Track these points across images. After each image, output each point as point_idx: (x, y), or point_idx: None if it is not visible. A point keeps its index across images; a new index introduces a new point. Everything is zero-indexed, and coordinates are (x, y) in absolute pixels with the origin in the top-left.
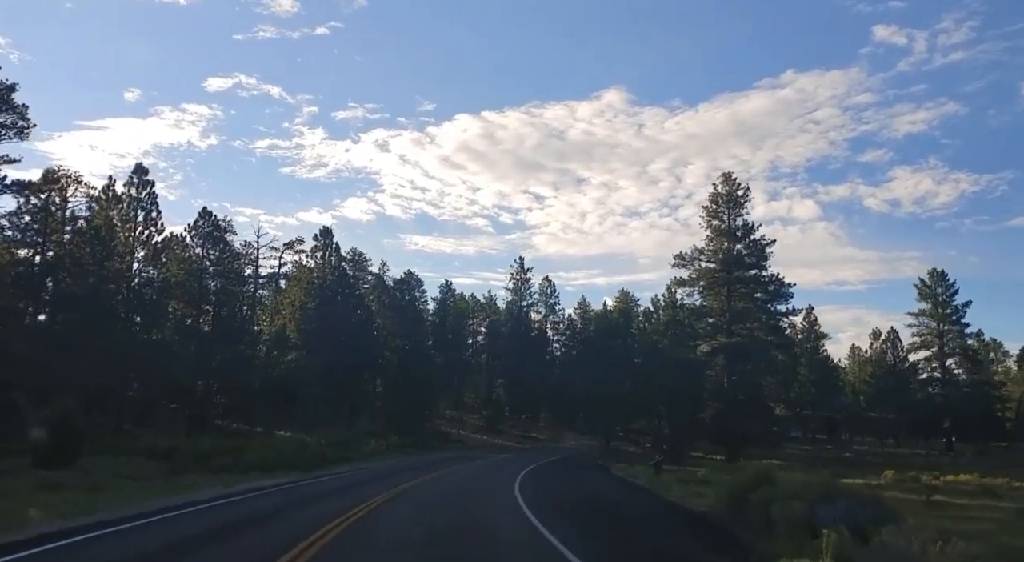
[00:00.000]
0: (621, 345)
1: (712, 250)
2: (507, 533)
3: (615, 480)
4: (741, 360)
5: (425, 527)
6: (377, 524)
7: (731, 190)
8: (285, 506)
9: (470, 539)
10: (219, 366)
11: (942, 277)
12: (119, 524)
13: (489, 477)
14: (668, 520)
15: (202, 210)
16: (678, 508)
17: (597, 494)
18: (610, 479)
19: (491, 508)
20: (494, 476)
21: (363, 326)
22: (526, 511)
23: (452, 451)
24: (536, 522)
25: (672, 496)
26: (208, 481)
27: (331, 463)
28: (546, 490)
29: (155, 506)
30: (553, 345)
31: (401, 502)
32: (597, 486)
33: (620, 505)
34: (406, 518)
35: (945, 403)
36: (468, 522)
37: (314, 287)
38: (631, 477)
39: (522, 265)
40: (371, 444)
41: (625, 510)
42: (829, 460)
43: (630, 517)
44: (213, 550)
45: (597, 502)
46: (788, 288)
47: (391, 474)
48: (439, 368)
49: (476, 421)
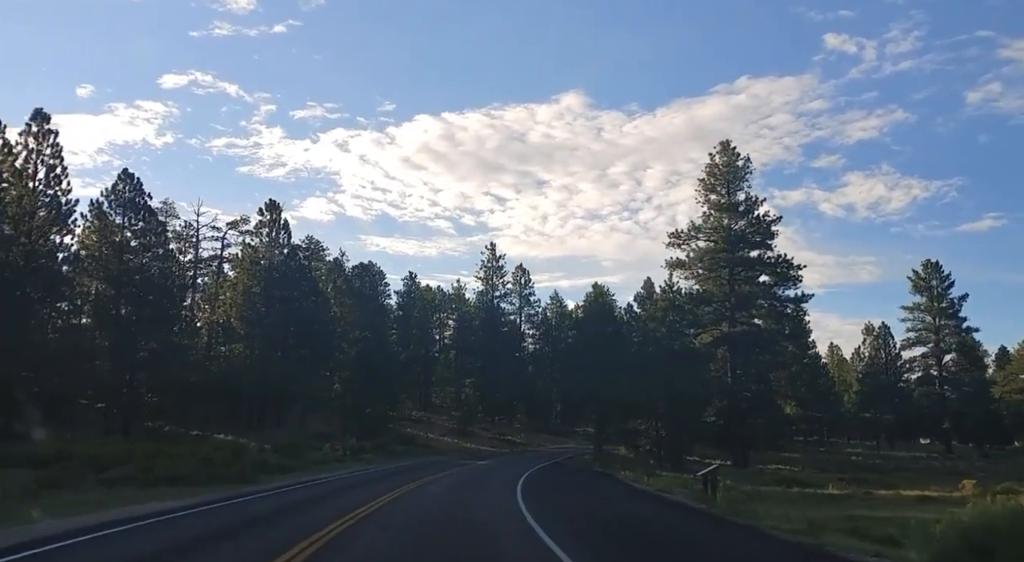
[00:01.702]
0: (614, 332)
1: (710, 228)
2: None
3: (651, 499)
4: (746, 351)
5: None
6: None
7: (730, 160)
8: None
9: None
10: (149, 358)
11: (937, 269)
12: None
13: (478, 498)
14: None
15: (122, 172)
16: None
17: (660, 530)
18: (643, 498)
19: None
20: (484, 495)
21: (317, 314)
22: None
23: (420, 457)
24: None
25: (788, 533)
26: (79, 501)
27: (272, 473)
28: (580, 522)
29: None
30: (527, 340)
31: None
32: (640, 510)
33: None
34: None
35: (943, 402)
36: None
37: (259, 268)
38: (663, 491)
39: (494, 252)
40: (324, 449)
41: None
42: (859, 466)
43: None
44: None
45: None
46: (797, 270)
47: (342, 491)
48: (404, 366)
49: (445, 423)
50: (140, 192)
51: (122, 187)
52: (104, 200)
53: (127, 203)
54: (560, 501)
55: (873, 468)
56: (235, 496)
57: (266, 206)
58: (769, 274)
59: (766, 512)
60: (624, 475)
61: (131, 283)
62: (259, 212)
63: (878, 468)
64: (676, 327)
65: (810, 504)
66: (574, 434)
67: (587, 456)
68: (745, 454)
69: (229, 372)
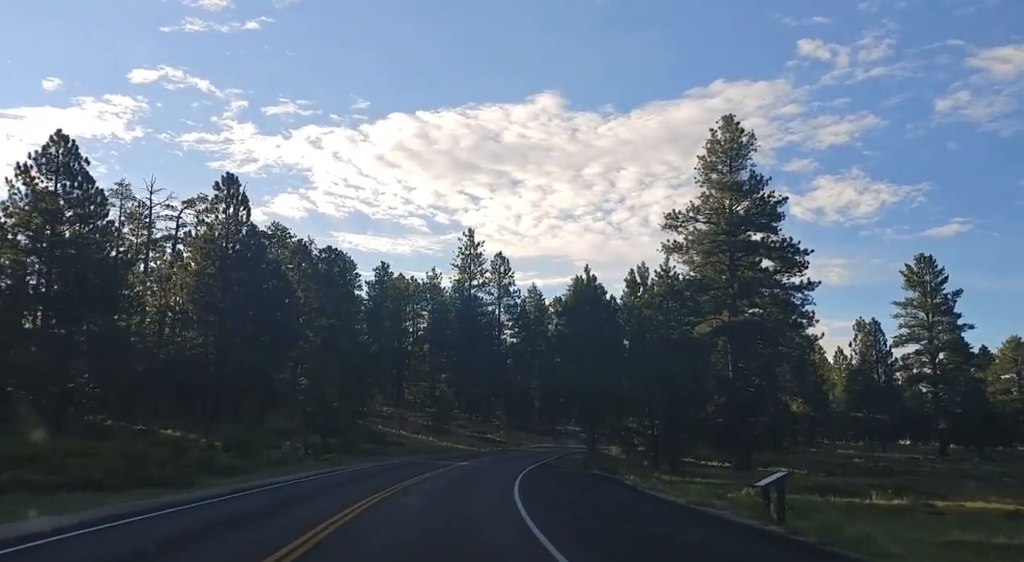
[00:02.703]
0: (607, 319)
1: (711, 209)
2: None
3: (696, 518)
4: (748, 343)
5: None
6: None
7: (733, 136)
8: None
9: None
10: (87, 343)
11: (930, 263)
12: None
13: (471, 517)
14: None
15: (55, 133)
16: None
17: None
18: (683, 515)
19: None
20: (477, 511)
21: (279, 298)
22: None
23: (391, 456)
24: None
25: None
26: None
27: (217, 475)
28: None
29: None
30: (506, 332)
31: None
32: (692, 535)
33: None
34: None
35: (937, 402)
36: None
37: (215, 247)
38: (701, 505)
39: (472, 239)
40: (283, 448)
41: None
42: (866, 470)
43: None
44: None
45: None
46: (804, 256)
47: (290, 503)
48: (375, 358)
49: (419, 420)
50: (76, 156)
51: (55, 150)
52: (33, 164)
53: (60, 167)
54: (584, 523)
55: (884, 472)
56: (153, 508)
57: (223, 180)
58: (773, 259)
59: (858, 534)
60: (632, 480)
61: (65, 258)
62: (215, 187)
63: (889, 472)
64: (674, 315)
65: (875, 519)
66: (556, 433)
67: (577, 456)
68: (748, 455)
69: (181, 361)
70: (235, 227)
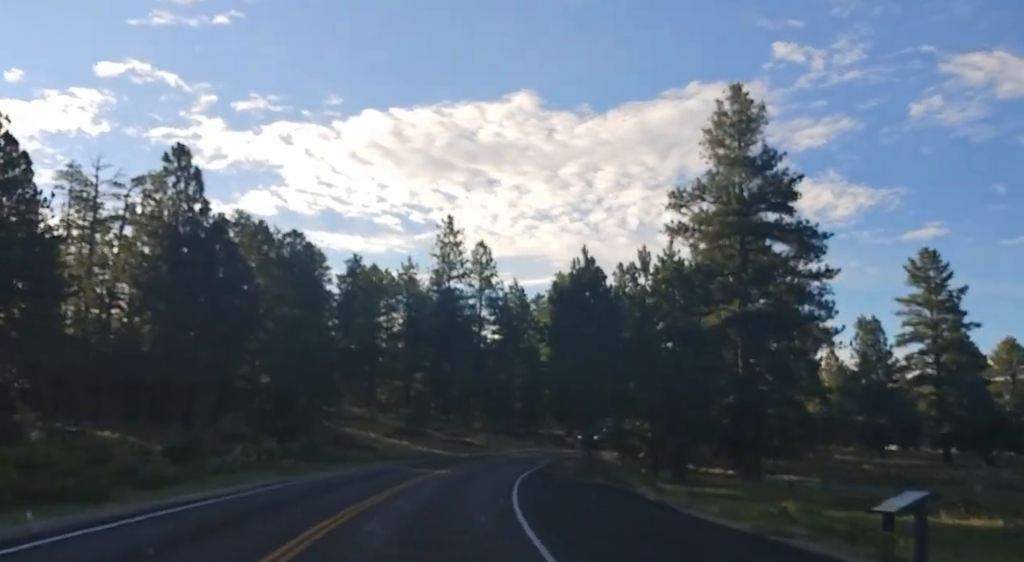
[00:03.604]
0: (608, 308)
1: (719, 186)
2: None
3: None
4: (762, 336)
5: None
6: None
7: (742, 107)
8: None
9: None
10: (14, 331)
11: (934, 258)
12: None
13: None
14: None
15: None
16: None
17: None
18: (762, 550)
19: None
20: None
21: (235, 284)
22: None
23: (360, 463)
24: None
25: None
26: None
27: (144, 487)
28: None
29: None
30: (487, 328)
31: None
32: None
33: None
34: None
35: (941, 404)
36: None
37: (162, 225)
38: (770, 534)
39: (451, 226)
40: (234, 453)
41: None
42: (894, 479)
43: None
44: None
45: None
46: (822, 239)
47: (199, 536)
48: (345, 356)
49: (393, 422)
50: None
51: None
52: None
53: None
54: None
55: (913, 482)
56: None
57: (173, 151)
58: (790, 242)
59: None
60: (652, 494)
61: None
62: (164, 158)
63: (921, 481)
64: (682, 304)
65: (999, 551)
66: (538, 436)
67: (568, 463)
68: (757, 462)
69: (125, 353)
70: (187, 204)
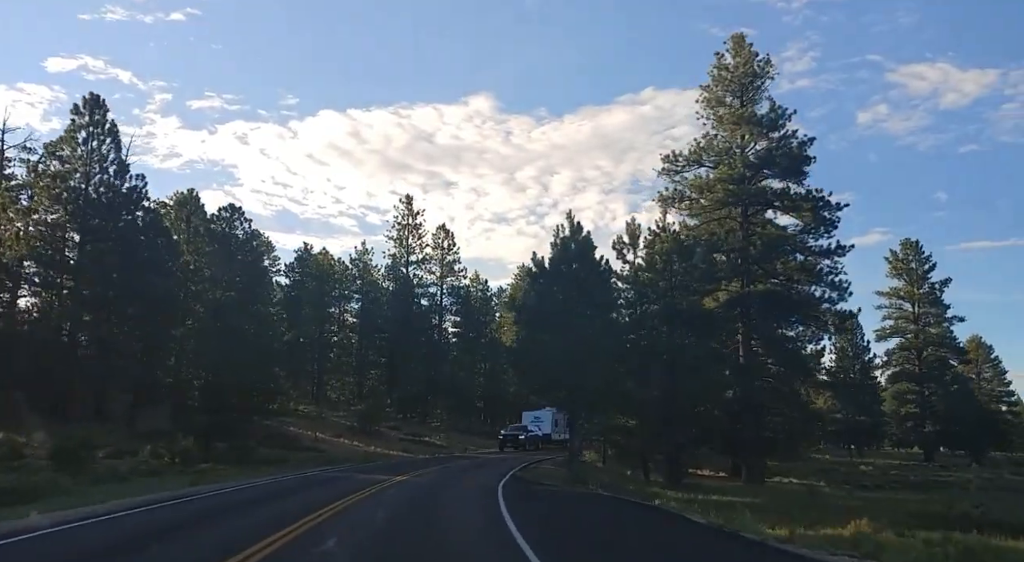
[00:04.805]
0: (598, 284)
1: (719, 149)
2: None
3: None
4: (769, 321)
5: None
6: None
7: (746, 59)
8: None
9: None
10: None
11: (916, 248)
12: None
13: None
14: None
15: None
16: None
17: None
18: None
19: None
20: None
21: (156, 259)
22: None
23: (300, 467)
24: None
25: None
26: None
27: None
28: None
29: None
30: (448, 319)
31: None
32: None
33: None
34: None
35: (923, 402)
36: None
37: (68, 188)
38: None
39: (410, 206)
40: (143, 454)
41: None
42: (898, 483)
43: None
44: None
45: None
46: (835, 211)
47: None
48: (290, 348)
49: (343, 421)
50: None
51: None
52: None
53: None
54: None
55: (918, 485)
56: None
57: (84, 103)
58: (803, 212)
59: None
60: (661, 503)
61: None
62: (73, 111)
63: (926, 484)
64: (679, 279)
65: None
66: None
67: (545, 465)
68: (761, 464)
69: (20, 336)
70: (99, 165)
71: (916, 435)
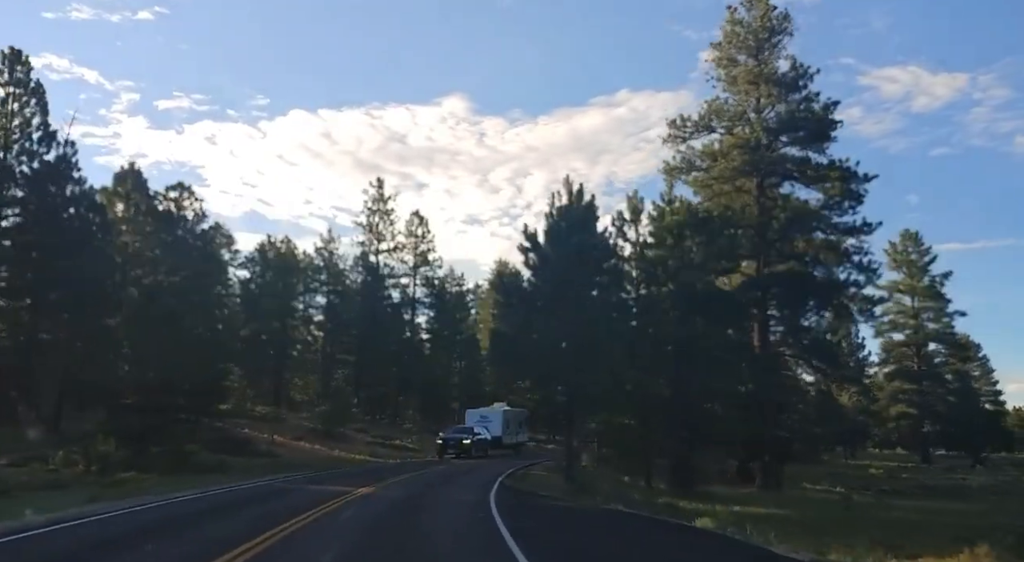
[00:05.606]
0: (604, 257)
1: (733, 113)
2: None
3: None
4: (792, 305)
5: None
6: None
7: (764, 13)
8: None
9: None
10: None
11: (916, 240)
12: None
13: None
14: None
15: None
16: None
17: None
18: None
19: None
20: None
21: (87, 238)
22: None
23: (247, 476)
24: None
25: None
26: None
27: None
28: None
29: None
30: (421, 314)
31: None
32: None
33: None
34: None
35: (923, 401)
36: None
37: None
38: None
39: (381, 190)
40: (53, 463)
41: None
42: (923, 489)
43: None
44: None
45: None
46: (863, 182)
47: None
48: (249, 346)
49: (305, 422)
50: None
51: None
52: None
53: None
54: None
55: (947, 492)
56: None
57: (3, 58)
58: (829, 182)
59: None
60: (727, 530)
61: None
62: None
63: (956, 491)
64: (697, 261)
65: None
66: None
67: (535, 472)
68: (776, 471)
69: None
70: (21, 130)
71: (914, 435)
